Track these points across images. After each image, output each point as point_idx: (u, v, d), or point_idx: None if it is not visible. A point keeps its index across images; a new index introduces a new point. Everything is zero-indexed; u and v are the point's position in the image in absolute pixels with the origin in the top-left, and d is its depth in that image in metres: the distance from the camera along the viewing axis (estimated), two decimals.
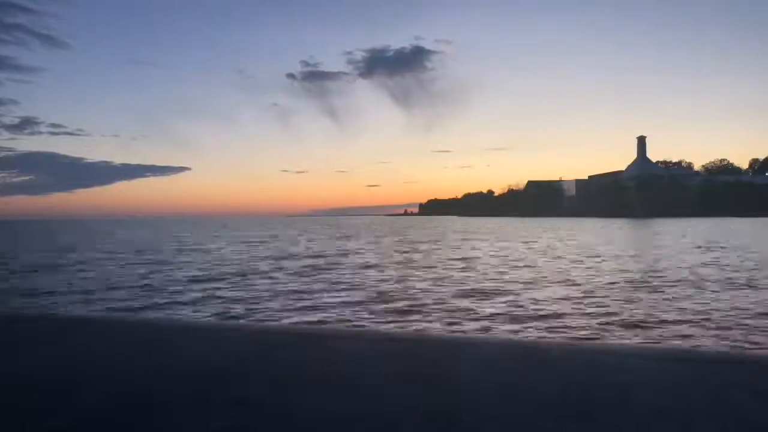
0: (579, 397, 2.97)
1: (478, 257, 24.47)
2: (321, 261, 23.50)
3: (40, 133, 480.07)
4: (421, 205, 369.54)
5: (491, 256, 25.11)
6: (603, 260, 21.71)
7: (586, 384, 3.21)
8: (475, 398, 2.99)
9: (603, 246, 30.58)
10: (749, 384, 3.13)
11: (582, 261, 21.50)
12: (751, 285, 14.13)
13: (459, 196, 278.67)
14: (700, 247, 28.37)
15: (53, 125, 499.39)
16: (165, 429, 2.73)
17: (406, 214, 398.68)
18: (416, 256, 25.73)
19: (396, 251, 29.64)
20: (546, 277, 16.65)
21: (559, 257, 23.51)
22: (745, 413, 2.67)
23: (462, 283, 15.35)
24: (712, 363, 3.64)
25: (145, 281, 16.75)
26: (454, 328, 9.46)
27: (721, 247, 27.44)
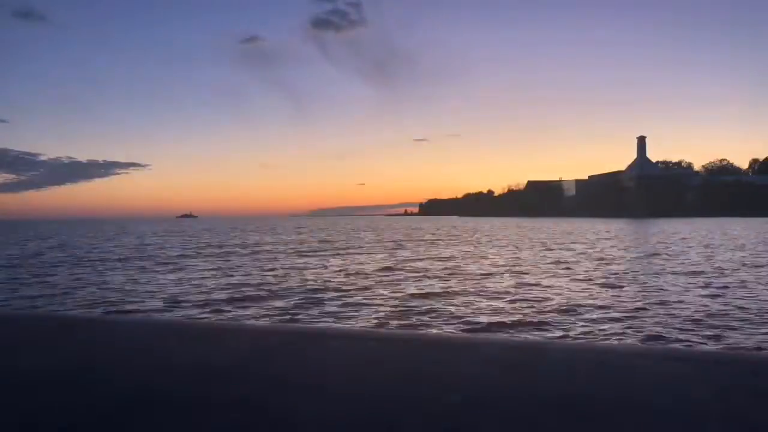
0: (579, 397, 2.99)
1: None
2: None
3: None
4: (420, 205, 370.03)
5: None
6: None
7: (587, 384, 3.23)
8: (475, 398, 3.00)
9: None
10: (749, 384, 3.15)
11: None
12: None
13: (459, 196, 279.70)
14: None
15: None
16: (165, 429, 2.74)
17: (406, 214, 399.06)
18: None
19: None
20: None
21: None
22: (745, 413, 2.68)
23: None
24: (713, 363, 3.65)
25: None
26: None
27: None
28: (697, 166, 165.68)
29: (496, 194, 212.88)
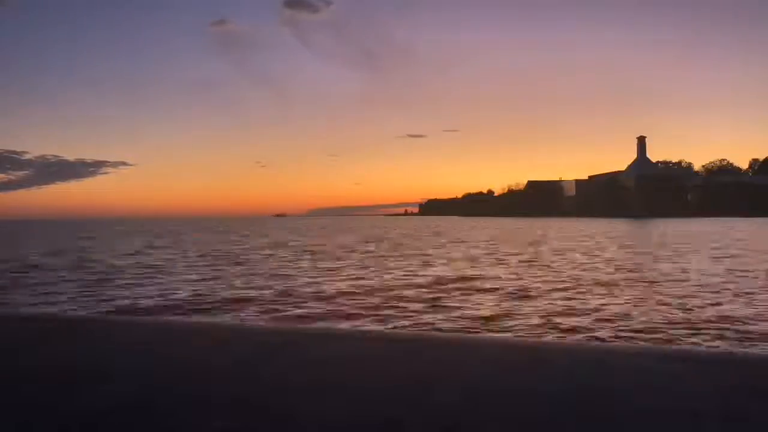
0: (579, 398, 2.98)
1: None
2: None
3: None
4: (420, 205, 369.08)
5: None
6: None
7: (587, 384, 3.22)
8: (475, 398, 3.00)
9: None
10: (749, 384, 3.14)
11: None
12: None
13: (459, 196, 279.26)
14: None
15: None
16: (165, 429, 2.73)
17: (406, 214, 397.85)
18: None
19: None
20: None
21: None
22: (745, 413, 2.68)
23: None
24: (713, 363, 3.65)
25: None
26: None
27: None
28: (697, 166, 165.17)
29: (496, 194, 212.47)
